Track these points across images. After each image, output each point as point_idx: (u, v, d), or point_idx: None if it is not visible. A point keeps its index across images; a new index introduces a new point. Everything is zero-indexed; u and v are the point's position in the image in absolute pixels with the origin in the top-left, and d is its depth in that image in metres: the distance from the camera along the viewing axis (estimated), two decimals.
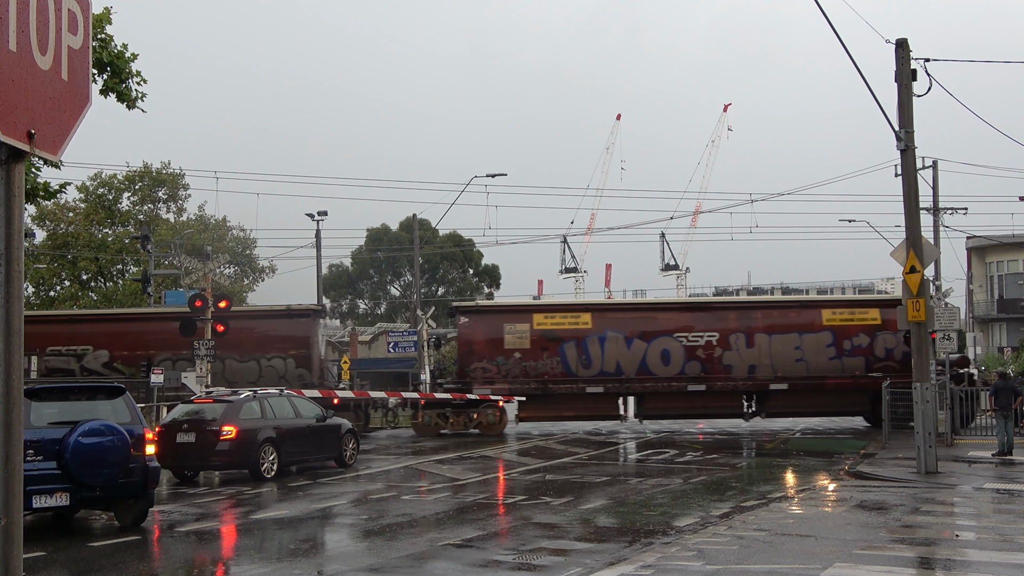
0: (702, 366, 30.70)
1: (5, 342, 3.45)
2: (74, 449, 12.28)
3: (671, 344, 30.89)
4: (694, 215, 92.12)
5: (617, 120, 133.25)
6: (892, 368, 30.50)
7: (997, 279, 59.84)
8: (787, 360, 30.76)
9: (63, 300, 48.77)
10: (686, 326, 31.15)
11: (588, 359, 30.62)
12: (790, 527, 12.47)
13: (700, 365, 30.73)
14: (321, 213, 44.39)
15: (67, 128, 3.79)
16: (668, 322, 31.32)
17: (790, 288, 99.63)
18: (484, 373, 30.22)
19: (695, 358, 30.84)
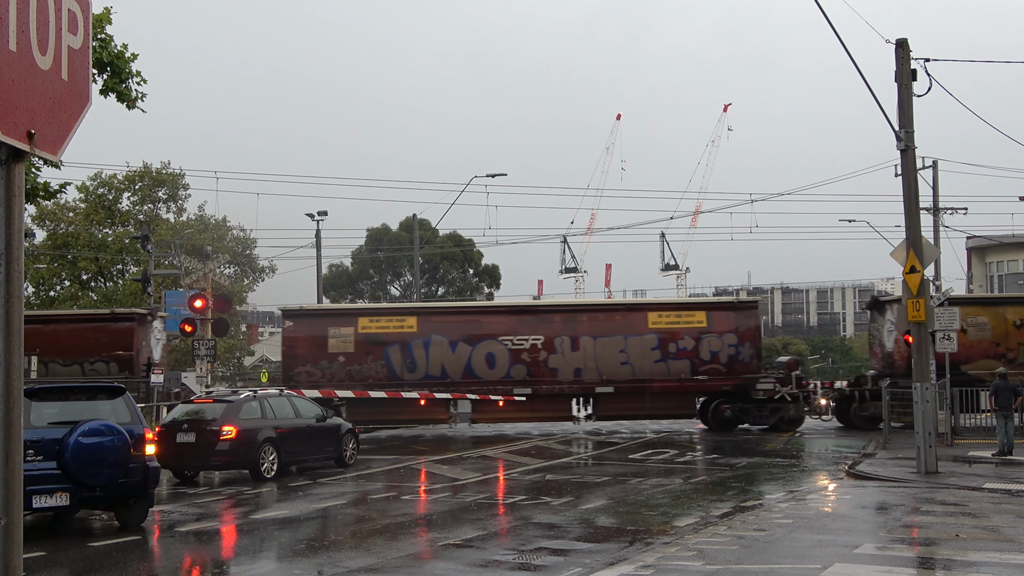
0: (527, 369, 30.47)
1: (5, 342, 3.45)
2: (74, 449, 12.28)
3: (496, 347, 30.69)
4: (694, 215, 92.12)
5: (617, 120, 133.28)
6: (718, 371, 30.55)
7: (997, 279, 59.86)
8: (612, 363, 30.59)
9: (63, 300, 48.75)
10: (512, 329, 30.96)
11: (413, 363, 30.46)
12: (790, 527, 12.46)
13: (525, 368, 30.48)
14: (321, 213, 44.36)
15: (67, 128, 3.79)
16: (494, 326, 31.20)
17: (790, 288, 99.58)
18: (308, 377, 29.89)
19: (520, 361, 30.65)
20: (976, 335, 30.87)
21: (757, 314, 32.36)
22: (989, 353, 30.87)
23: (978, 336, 30.89)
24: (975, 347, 30.78)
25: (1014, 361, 30.69)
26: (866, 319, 43.81)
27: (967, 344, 30.56)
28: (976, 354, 30.79)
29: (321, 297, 47.38)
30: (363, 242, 68.00)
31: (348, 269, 70.24)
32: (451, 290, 68.49)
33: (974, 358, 30.78)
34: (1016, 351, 30.89)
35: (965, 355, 30.56)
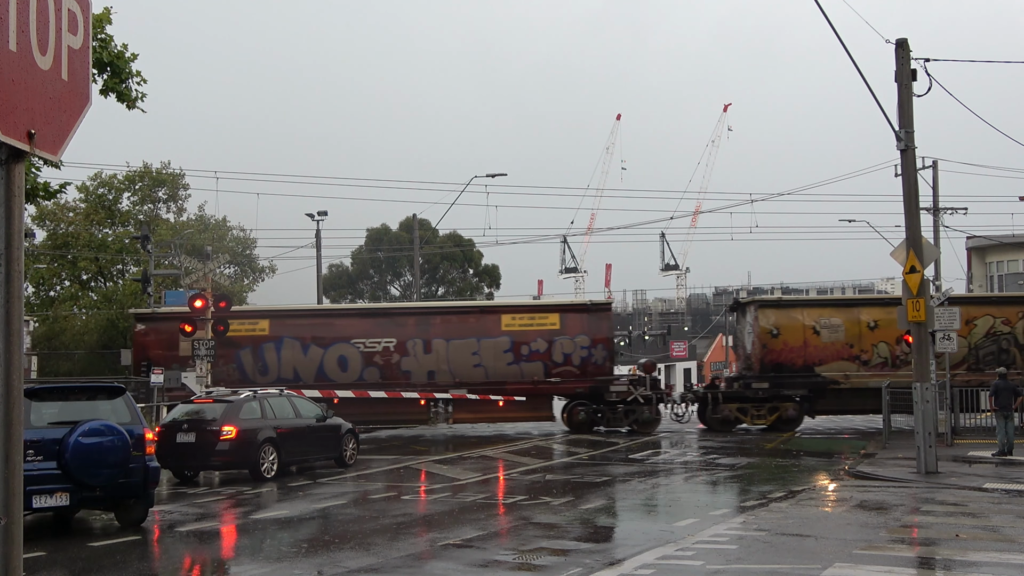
0: (380, 372, 30.39)
1: (5, 342, 3.45)
2: (74, 449, 12.28)
3: (348, 350, 30.61)
4: (694, 215, 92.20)
5: (617, 120, 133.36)
6: (571, 373, 30.51)
7: (997, 279, 59.82)
8: (465, 366, 30.52)
9: (63, 300, 48.76)
10: (364, 332, 30.88)
11: (264, 365, 30.38)
12: (790, 527, 12.46)
13: (378, 371, 30.41)
14: (321, 213, 44.38)
15: (67, 128, 3.79)
16: (346, 328, 31.15)
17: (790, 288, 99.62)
18: None
19: (373, 364, 30.58)
20: (830, 337, 30.92)
21: (610, 316, 32.34)
22: (843, 355, 30.94)
23: (832, 338, 30.93)
24: (828, 349, 30.88)
25: (868, 363, 30.78)
26: None
27: (820, 346, 30.79)
28: (830, 356, 30.87)
29: (321, 297, 47.39)
30: (363, 242, 68.03)
31: (348, 269, 70.24)
32: (451, 290, 68.50)
33: (828, 360, 30.87)
34: (870, 353, 30.90)
35: (819, 357, 30.79)
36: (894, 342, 30.72)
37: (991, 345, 31.00)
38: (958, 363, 30.57)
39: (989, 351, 30.97)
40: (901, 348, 30.65)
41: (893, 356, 30.84)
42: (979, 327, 31.01)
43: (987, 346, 31.00)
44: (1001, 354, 30.86)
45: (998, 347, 30.97)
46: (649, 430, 30.50)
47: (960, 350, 30.51)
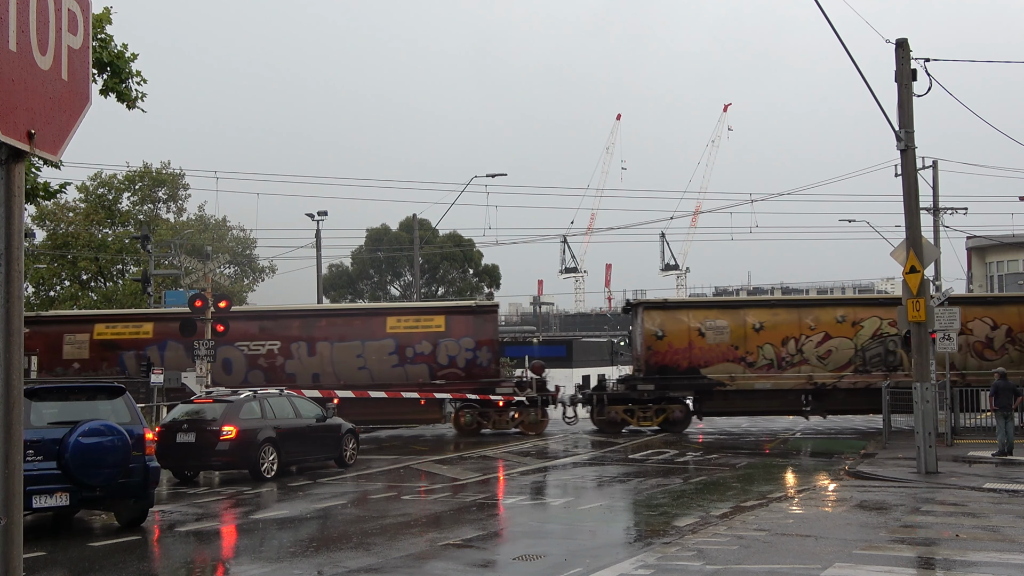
0: (265, 375, 30.30)
1: (5, 342, 3.45)
2: (74, 449, 12.28)
3: (233, 353, 30.54)
4: (694, 215, 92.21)
5: (617, 120, 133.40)
6: (457, 376, 30.51)
7: (997, 279, 59.82)
8: (350, 368, 30.46)
9: (63, 300, 48.74)
10: (249, 335, 30.82)
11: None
12: (790, 527, 12.46)
13: (263, 374, 30.31)
14: (321, 213, 44.38)
15: (67, 128, 3.79)
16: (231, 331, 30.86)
17: (790, 288, 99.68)
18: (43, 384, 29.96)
19: (257, 367, 30.52)
20: (715, 339, 30.95)
21: (495, 319, 32.18)
22: (728, 356, 30.92)
23: (716, 339, 30.95)
24: (714, 350, 30.89)
25: (753, 364, 30.79)
26: None
27: (705, 348, 30.79)
28: (715, 357, 30.87)
29: (321, 297, 47.39)
30: (363, 242, 68.03)
31: (348, 269, 70.24)
32: (451, 290, 68.49)
33: (713, 361, 30.88)
34: (755, 354, 30.89)
35: (704, 358, 30.80)
36: (779, 344, 30.85)
37: (878, 347, 30.92)
38: (844, 364, 30.75)
39: (876, 353, 30.90)
40: (787, 350, 30.83)
41: (779, 358, 30.85)
42: (866, 328, 30.98)
43: (874, 348, 30.91)
44: (888, 355, 30.85)
45: (885, 348, 30.90)
46: (536, 432, 30.55)
47: (846, 352, 30.76)
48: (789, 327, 31.04)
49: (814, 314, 31.27)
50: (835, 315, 31.17)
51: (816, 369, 30.80)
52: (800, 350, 30.87)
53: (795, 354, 30.86)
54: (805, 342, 30.89)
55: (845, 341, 30.90)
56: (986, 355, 30.95)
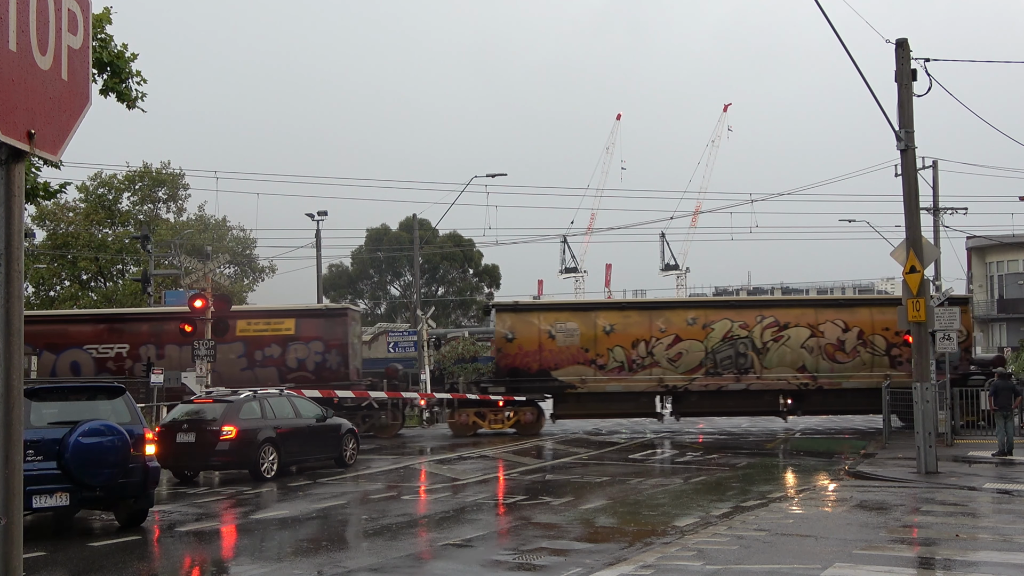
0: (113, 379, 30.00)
1: (5, 342, 3.45)
2: (74, 449, 12.27)
3: (81, 356, 30.56)
4: (694, 215, 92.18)
5: (617, 120, 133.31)
6: (306, 379, 30.53)
7: (997, 279, 59.85)
8: None
9: (63, 300, 48.76)
10: (97, 338, 30.81)
11: None
12: (790, 527, 12.47)
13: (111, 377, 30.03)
14: (321, 213, 44.41)
15: (67, 128, 3.79)
16: (79, 335, 31.04)
17: (790, 288, 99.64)
18: None
19: (106, 370, 30.51)
20: (565, 341, 30.95)
21: (346, 322, 32.17)
22: (579, 359, 30.94)
23: (567, 342, 30.95)
24: (564, 353, 30.87)
25: (604, 367, 30.78)
26: None
27: (556, 350, 30.77)
28: (566, 360, 30.86)
29: (321, 297, 47.40)
30: (363, 242, 68.04)
31: (348, 269, 70.25)
32: (451, 290, 68.51)
33: (564, 364, 30.88)
34: (606, 357, 30.89)
35: (554, 361, 30.79)
36: (630, 346, 30.86)
37: (728, 349, 30.92)
38: (695, 367, 30.77)
39: (727, 355, 30.90)
40: (637, 352, 30.85)
41: (629, 360, 30.86)
42: (716, 331, 30.97)
43: (724, 350, 30.91)
44: (739, 358, 30.85)
45: (735, 351, 30.90)
46: (388, 434, 30.62)
47: (696, 354, 30.80)
48: (640, 329, 31.07)
49: (665, 316, 31.32)
50: (686, 317, 31.23)
51: (667, 371, 30.81)
52: (651, 352, 30.91)
53: (645, 356, 30.91)
54: (655, 344, 30.93)
55: (696, 344, 30.93)
56: (838, 357, 30.90)
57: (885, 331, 30.74)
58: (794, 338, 30.88)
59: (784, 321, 31.05)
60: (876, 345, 30.86)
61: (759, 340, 30.92)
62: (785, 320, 31.07)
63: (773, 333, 30.99)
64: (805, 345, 30.85)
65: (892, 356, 30.76)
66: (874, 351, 30.89)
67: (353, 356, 32.02)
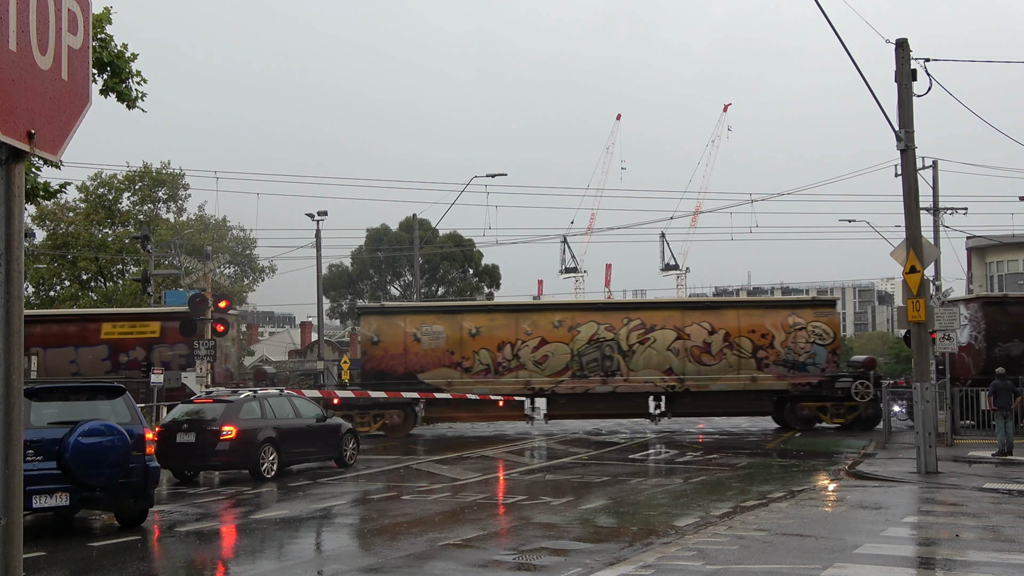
0: None
1: (5, 342, 3.45)
2: (74, 449, 12.27)
3: None
4: (694, 215, 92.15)
5: (617, 120, 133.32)
6: None
7: (997, 279, 59.82)
8: (64, 374, 30.25)
9: (63, 300, 48.73)
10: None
11: None
12: (790, 527, 12.46)
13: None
14: (321, 213, 44.34)
15: (67, 128, 3.79)
16: None
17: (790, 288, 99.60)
18: None
19: None
20: (431, 344, 30.96)
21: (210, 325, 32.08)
22: (444, 362, 30.95)
23: (433, 345, 30.96)
24: (430, 356, 30.87)
25: (470, 370, 30.78)
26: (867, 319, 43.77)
27: (422, 353, 30.74)
28: (432, 363, 30.86)
29: (321, 297, 47.39)
30: (363, 242, 68.00)
31: (348, 269, 70.22)
32: (451, 290, 68.48)
33: (430, 367, 30.86)
34: (472, 360, 30.89)
35: (420, 364, 30.78)
36: (496, 349, 30.87)
37: (594, 352, 30.91)
38: (562, 370, 30.76)
39: (592, 358, 30.90)
40: (503, 355, 30.84)
41: (495, 363, 30.88)
42: (582, 333, 30.96)
43: (590, 353, 30.91)
44: (605, 360, 30.85)
45: (601, 354, 30.90)
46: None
47: (563, 357, 30.82)
48: (506, 332, 31.07)
49: (531, 319, 31.33)
50: (552, 320, 31.24)
51: (534, 374, 30.79)
52: (516, 355, 30.92)
53: (511, 359, 30.92)
54: (521, 347, 30.95)
55: (562, 346, 30.95)
56: (704, 360, 30.91)
57: (751, 333, 30.90)
58: (660, 341, 30.93)
59: (651, 324, 31.12)
60: (742, 347, 30.90)
61: (625, 343, 30.96)
62: (651, 323, 31.14)
63: (639, 336, 31.04)
64: (671, 348, 30.91)
65: (759, 358, 30.85)
66: (740, 353, 30.92)
67: (222, 358, 31.85)
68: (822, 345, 30.90)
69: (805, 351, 30.79)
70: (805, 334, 30.85)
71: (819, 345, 30.87)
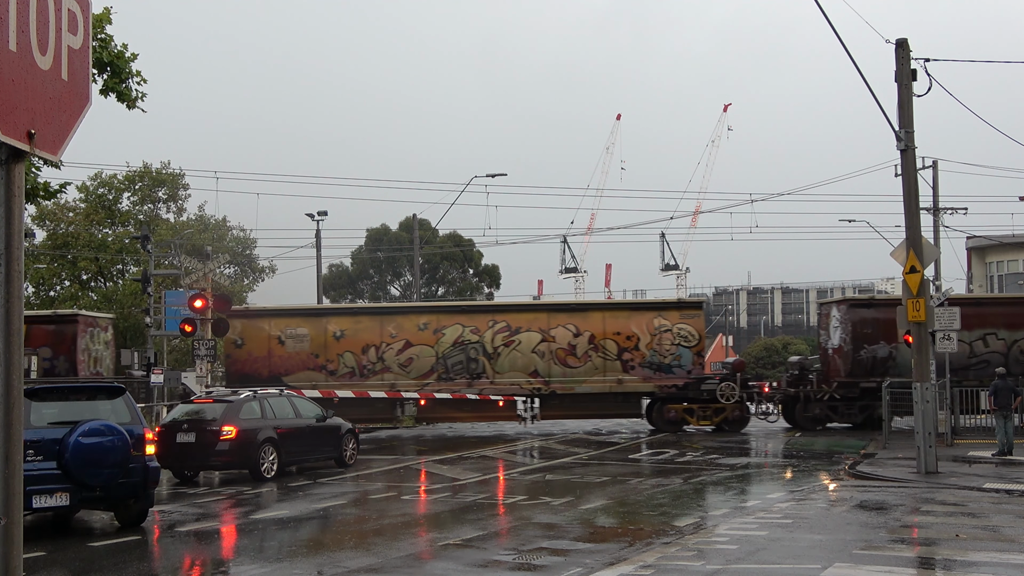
0: None
1: (5, 342, 3.45)
2: (74, 449, 12.27)
3: None
4: (694, 215, 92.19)
5: (617, 120, 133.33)
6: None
7: (997, 279, 59.82)
8: None
9: (63, 300, 48.72)
10: None
11: None
12: (790, 527, 12.47)
13: None
14: (321, 213, 44.36)
15: (67, 128, 3.79)
16: None
17: (790, 288, 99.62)
18: None
19: None
20: (295, 346, 30.86)
21: (76, 328, 31.73)
22: (309, 365, 30.87)
23: (297, 348, 30.86)
24: (294, 359, 30.75)
25: (335, 373, 30.72)
26: None
27: (286, 356, 30.57)
28: (296, 366, 30.75)
29: (321, 297, 47.37)
30: (363, 242, 67.98)
31: (348, 269, 70.20)
32: (451, 290, 68.48)
33: (294, 370, 30.77)
34: (336, 363, 30.84)
35: (285, 367, 30.64)
36: (360, 352, 30.85)
37: (459, 354, 30.87)
38: (427, 372, 30.71)
39: (458, 360, 30.87)
40: (367, 358, 30.79)
41: (360, 366, 30.83)
42: (447, 336, 30.95)
43: (455, 355, 30.88)
44: (470, 363, 30.81)
45: (466, 356, 30.86)
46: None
47: (427, 359, 30.75)
48: (370, 335, 31.02)
49: (396, 322, 31.30)
50: (417, 323, 31.20)
51: (399, 377, 30.71)
52: (381, 358, 30.87)
53: (376, 362, 30.87)
54: (386, 350, 30.90)
55: (427, 349, 30.91)
56: (569, 362, 30.83)
57: (617, 335, 30.87)
58: (525, 343, 30.87)
59: (516, 326, 31.05)
60: (608, 350, 30.83)
61: (490, 345, 30.91)
62: (517, 325, 31.07)
63: (504, 338, 30.96)
64: (536, 350, 30.84)
65: (624, 360, 30.80)
66: (606, 356, 30.83)
67: (86, 362, 31.69)
68: (687, 347, 30.87)
69: (670, 353, 30.78)
70: (670, 336, 30.82)
71: (684, 347, 30.86)
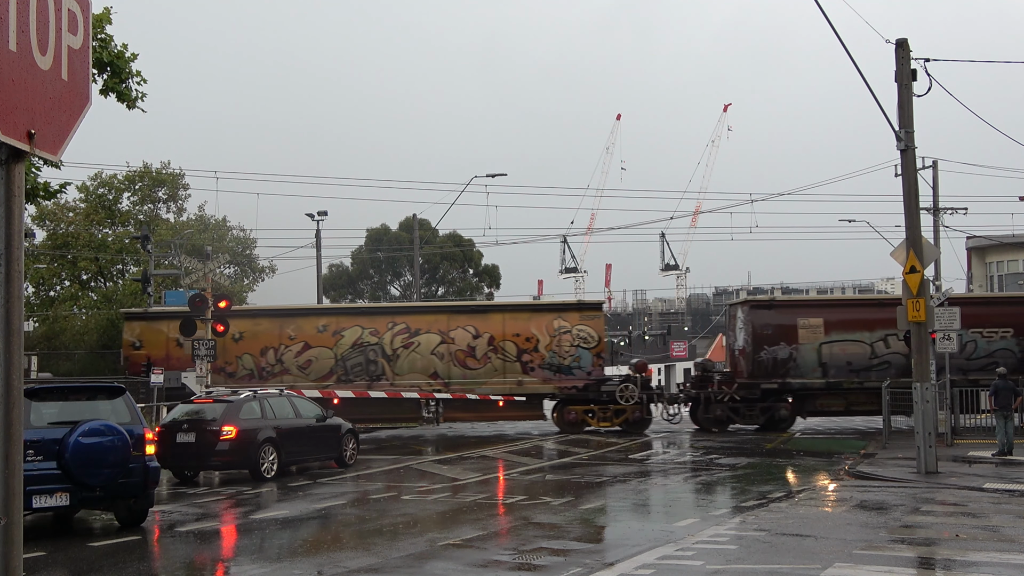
0: None
1: (5, 342, 3.45)
2: (74, 449, 12.28)
3: None
4: (694, 215, 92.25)
5: (617, 120, 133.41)
6: None
7: (997, 279, 59.80)
8: None
9: (63, 300, 48.73)
10: None
11: None
12: (790, 527, 12.47)
13: None
14: (321, 213, 44.37)
15: (67, 128, 3.79)
16: None
17: (790, 288, 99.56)
18: None
19: None
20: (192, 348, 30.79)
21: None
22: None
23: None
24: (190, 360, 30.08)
25: (234, 375, 30.64)
26: None
27: (184, 358, 30.25)
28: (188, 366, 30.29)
29: (321, 297, 47.38)
30: (363, 242, 67.99)
31: (348, 269, 70.20)
32: (451, 290, 68.47)
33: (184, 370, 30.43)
34: (235, 364, 30.77)
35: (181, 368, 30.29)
36: (259, 354, 30.79)
37: (359, 356, 30.82)
38: (326, 374, 30.67)
39: (357, 362, 30.81)
40: (266, 360, 30.74)
41: (259, 368, 30.80)
42: (346, 338, 30.88)
43: (354, 357, 30.81)
44: (369, 365, 30.75)
45: (366, 358, 30.80)
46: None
47: (327, 361, 30.67)
48: (269, 337, 30.95)
49: (295, 323, 31.22)
50: (316, 325, 31.13)
51: (298, 379, 30.52)
52: (280, 360, 30.79)
53: (275, 364, 30.80)
54: (285, 352, 30.83)
55: (325, 351, 30.82)
56: (469, 364, 30.75)
57: (516, 337, 30.78)
58: (424, 344, 30.79)
59: (415, 328, 30.97)
60: (507, 351, 30.72)
61: (389, 347, 30.82)
62: (416, 327, 31.00)
63: (403, 340, 30.88)
64: (436, 351, 30.76)
65: (523, 362, 30.71)
66: (505, 357, 30.72)
67: None
68: (587, 349, 30.77)
69: (570, 355, 30.67)
70: (570, 338, 30.72)
71: (584, 348, 30.76)
